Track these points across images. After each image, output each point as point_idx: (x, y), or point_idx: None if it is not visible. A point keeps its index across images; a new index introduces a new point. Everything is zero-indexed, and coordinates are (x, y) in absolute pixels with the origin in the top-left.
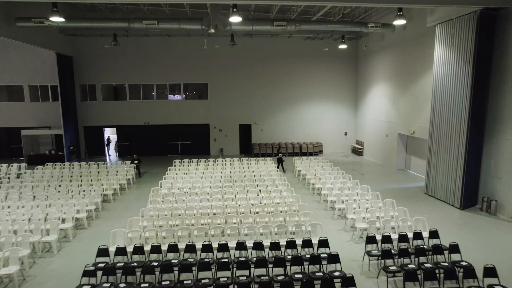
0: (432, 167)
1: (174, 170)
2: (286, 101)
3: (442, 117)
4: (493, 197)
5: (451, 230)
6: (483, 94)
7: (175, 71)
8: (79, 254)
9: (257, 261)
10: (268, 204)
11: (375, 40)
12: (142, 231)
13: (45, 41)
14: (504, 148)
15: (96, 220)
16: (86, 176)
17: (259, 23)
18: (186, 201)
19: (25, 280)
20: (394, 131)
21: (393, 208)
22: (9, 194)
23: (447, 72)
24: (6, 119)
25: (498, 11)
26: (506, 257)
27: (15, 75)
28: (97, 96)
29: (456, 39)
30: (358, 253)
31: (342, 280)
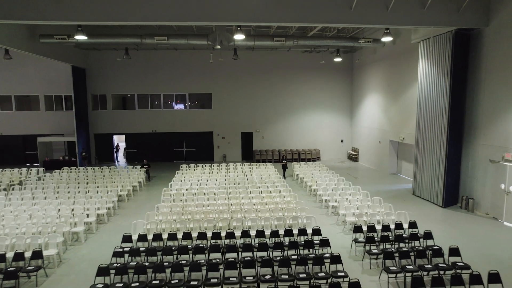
0: (418, 170)
1: (181, 174)
2: (286, 110)
3: (426, 124)
4: (471, 196)
5: (432, 224)
6: (460, 104)
7: (181, 82)
8: (104, 243)
9: (259, 245)
10: (269, 202)
11: (368, 54)
12: (159, 223)
13: (62, 55)
14: (479, 152)
15: (114, 216)
16: (100, 178)
17: (260, 39)
18: (195, 200)
19: (61, 262)
20: (386, 138)
21: (380, 204)
22: (35, 193)
23: (429, 84)
24: (23, 127)
25: (470, 31)
26: (473, 242)
27: (31, 86)
28: (107, 105)
29: (435, 55)
30: (347, 242)
31: (331, 259)
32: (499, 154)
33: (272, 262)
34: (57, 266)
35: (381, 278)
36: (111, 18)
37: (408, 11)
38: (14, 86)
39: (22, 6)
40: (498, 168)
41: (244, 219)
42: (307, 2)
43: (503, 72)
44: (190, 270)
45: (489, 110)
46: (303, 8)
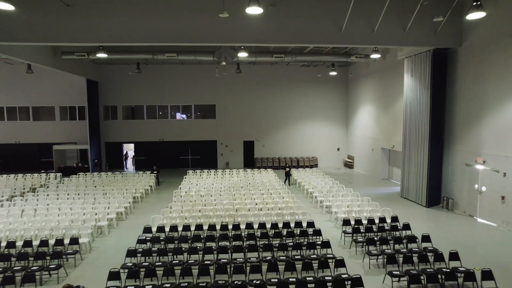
0: (405, 174)
1: (189, 179)
2: (285, 120)
3: (411, 133)
4: (451, 196)
5: (415, 221)
6: (440, 114)
7: (187, 94)
8: (125, 235)
9: (261, 234)
10: (269, 202)
11: (361, 68)
12: (173, 218)
13: (79, 69)
14: (457, 157)
15: (130, 214)
16: (114, 182)
17: (261, 55)
18: (203, 200)
19: (91, 249)
20: (378, 146)
21: (368, 203)
22: (59, 195)
23: (413, 97)
24: (38, 136)
25: (447, 50)
26: (444, 232)
27: (48, 97)
28: (118, 115)
29: (417, 70)
30: (338, 234)
31: (321, 244)
32: (473, 158)
33: (272, 247)
34: (88, 252)
35: (364, 261)
36: (131, 40)
37: (391, 32)
38: (31, 98)
39: (56, 31)
40: (472, 171)
41: (248, 214)
42: (302, 26)
43: (475, 86)
44: (203, 253)
45: (464, 120)
46: (299, 31)
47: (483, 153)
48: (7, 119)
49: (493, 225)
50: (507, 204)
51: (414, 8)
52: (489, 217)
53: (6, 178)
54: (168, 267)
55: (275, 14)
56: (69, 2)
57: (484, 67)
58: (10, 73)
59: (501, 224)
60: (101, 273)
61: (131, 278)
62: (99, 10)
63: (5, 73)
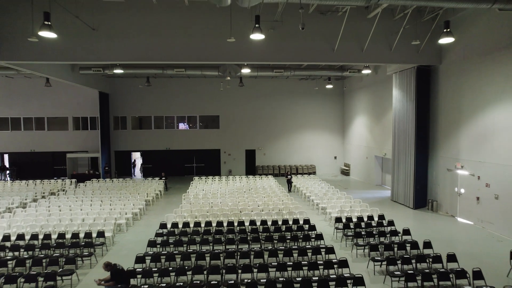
0: (395, 179)
1: (195, 184)
2: (285, 130)
3: (399, 141)
4: (435, 199)
5: (402, 220)
6: (424, 124)
7: (192, 105)
8: (141, 232)
9: (263, 229)
10: (270, 204)
11: (356, 81)
12: (185, 216)
13: (93, 82)
14: (440, 162)
15: (143, 215)
16: (126, 188)
17: (263, 70)
18: (210, 201)
19: (114, 243)
20: (372, 154)
21: (359, 204)
22: (78, 197)
23: (401, 108)
24: (52, 145)
25: (429, 66)
26: (425, 229)
27: (62, 108)
28: (127, 125)
29: (404, 85)
30: (331, 231)
31: (315, 237)
32: (453, 164)
33: (272, 239)
34: (112, 244)
35: (353, 251)
36: (147, 58)
37: (378, 51)
38: (47, 109)
39: (83, 52)
40: (453, 175)
41: (251, 213)
42: (299, 46)
43: (454, 99)
44: (213, 243)
45: (446, 129)
46: (296, 51)
47: (461, 159)
48: (24, 129)
49: (470, 223)
50: (481, 204)
51: (398, 30)
52: (467, 217)
53: (26, 184)
54: (185, 252)
55: (275, 36)
56: (94, 26)
57: (461, 82)
58: (28, 86)
59: (477, 222)
60: (125, 260)
61: (154, 262)
62: (119, 32)
63: (23, 86)
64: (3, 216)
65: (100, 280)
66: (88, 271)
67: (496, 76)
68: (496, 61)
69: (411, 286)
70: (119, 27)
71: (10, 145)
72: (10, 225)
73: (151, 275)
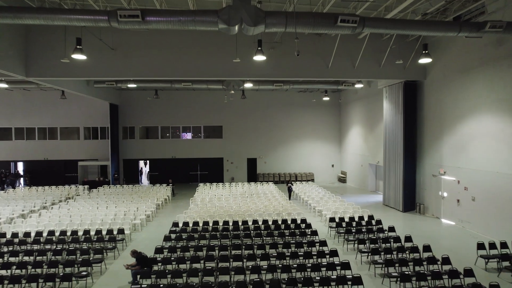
0: (386, 185)
1: (201, 190)
2: (285, 140)
3: (390, 149)
4: (422, 202)
5: (390, 221)
6: (412, 134)
7: (197, 116)
8: (154, 231)
9: (265, 227)
10: (270, 206)
11: (351, 94)
12: (194, 217)
13: (104, 94)
14: (426, 169)
15: (155, 217)
16: (136, 193)
17: (263, 83)
18: (216, 204)
19: (131, 240)
20: (366, 162)
21: (352, 206)
22: (93, 201)
23: (390, 119)
24: (64, 153)
25: (415, 81)
26: (411, 229)
27: (74, 119)
28: (135, 135)
29: (393, 98)
30: (326, 230)
31: (311, 232)
32: (437, 170)
33: (273, 234)
34: (130, 241)
35: (344, 246)
36: (159, 74)
37: (368, 68)
38: (60, 120)
39: (104, 69)
40: (437, 180)
41: (253, 214)
42: (297, 64)
43: (436, 111)
44: (221, 238)
45: (430, 138)
46: (294, 68)
47: (444, 165)
48: (38, 138)
49: (452, 223)
50: (461, 206)
51: (386, 49)
52: (450, 218)
53: (42, 189)
54: (197, 245)
55: (275, 54)
56: (113, 46)
57: (442, 96)
58: (43, 98)
59: (458, 222)
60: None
61: (170, 252)
62: (135, 51)
63: (38, 98)
64: (31, 216)
65: (128, 265)
66: (113, 261)
67: (470, 92)
68: (470, 79)
69: (391, 271)
70: (135, 47)
71: (25, 153)
72: (39, 224)
73: (169, 262)
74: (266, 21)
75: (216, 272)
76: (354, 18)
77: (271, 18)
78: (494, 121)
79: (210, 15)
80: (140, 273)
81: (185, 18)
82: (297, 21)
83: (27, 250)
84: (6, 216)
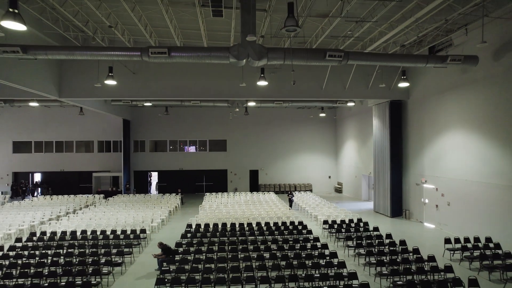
0: (376, 193)
1: (208, 199)
2: (284, 153)
3: (379, 161)
4: (408, 208)
5: (378, 224)
6: (398, 147)
7: (203, 130)
8: (170, 232)
9: (267, 228)
10: (271, 212)
11: (346, 110)
12: (204, 220)
13: (119, 111)
14: (411, 178)
15: (168, 222)
16: (149, 201)
17: (265, 102)
18: (223, 210)
19: (150, 239)
20: (360, 173)
21: (344, 212)
22: (112, 207)
23: (379, 134)
24: (79, 165)
25: (400, 101)
26: (395, 231)
27: (88, 133)
28: (145, 148)
29: (381, 115)
30: (321, 232)
31: (307, 231)
32: (419, 179)
33: (274, 233)
34: (150, 240)
35: (335, 243)
36: (174, 95)
37: (358, 89)
38: (76, 134)
39: (126, 91)
40: (420, 188)
41: (257, 218)
42: (294, 86)
43: (418, 127)
44: (230, 236)
45: (413, 151)
46: (292, 90)
47: (424, 175)
48: (55, 151)
49: (432, 226)
50: (439, 210)
51: (373, 73)
52: (431, 221)
53: (61, 198)
54: (210, 240)
55: (275, 78)
56: (134, 70)
57: (422, 114)
58: (61, 114)
59: (437, 225)
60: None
61: (188, 246)
62: (153, 75)
63: (57, 114)
64: (62, 219)
65: (156, 255)
66: (138, 255)
67: (444, 111)
68: (444, 100)
69: (372, 260)
70: (152, 71)
71: (43, 165)
72: (71, 224)
73: (189, 252)
74: (268, 56)
75: (227, 261)
76: (339, 53)
77: (272, 53)
78: (463, 136)
79: (223, 52)
80: (166, 260)
81: (202, 53)
82: (293, 56)
83: (69, 244)
84: (39, 219)
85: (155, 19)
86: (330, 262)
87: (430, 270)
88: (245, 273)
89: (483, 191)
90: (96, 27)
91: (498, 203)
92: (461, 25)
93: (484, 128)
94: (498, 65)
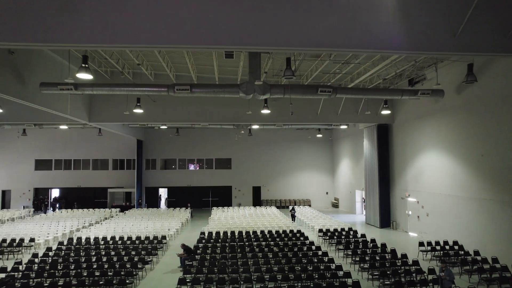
0: (368, 207)
1: (215, 212)
2: (285, 170)
3: (369, 178)
4: (395, 220)
5: (368, 234)
6: (385, 165)
7: (210, 150)
8: (185, 239)
9: (269, 235)
10: (273, 222)
11: (341, 131)
12: (215, 229)
13: (134, 132)
14: (397, 192)
15: (181, 232)
16: (162, 214)
17: (266, 124)
18: (230, 221)
19: (169, 245)
20: (354, 189)
21: (337, 222)
22: (131, 219)
23: (369, 153)
24: (94, 181)
25: (387, 124)
26: (380, 238)
27: (104, 152)
28: (156, 166)
29: (370, 136)
30: (316, 239)
31: (304, 238)
32: (404, 193)
33: (276, 240)
34: (168, 246)
35: (328, 248)
36: (187, 120)
37: (348, 115)
38: (92, 153)
39: (146, 117)
40: (405, 201)
41: (261, 227)
42: (294, 111)
43: (402, 147)
44: (238, 242)
45: (399, 168)
46: (291, 116)
47: (408, 190)
48: (73, 169)
49: (415, 235)
50: (420, 221)
51: (361, 101)
52: (413, 231)
53: (82, 211)
54: (223, 244)
55: (277, 105)
56: (154, 99)
57: (405, 135)
58: (79, 134)
59: (419, 234)
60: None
61: (204, 249)
62: (170, 102)
63: (76, 134)
64: (90, 228)
65: (179, 254)
66: (161, 257)
67: (423, 134)
68: (422, 124)
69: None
70: (169, 99)
71: (62, 181)
72: (100, 232)
73: (206, 252)
74: (271, 91)
75: (237, 260)
76: (329, 89)
77: (274, 89)
78: (437, 155)
79: (234, 88)
80: (188, 258)
81: (218, 89)
82: (291, 91)
83: (105, 247)
84: (69, 229)
85: (176, 57)
86: (321, 259)
87: (401, 264)
88: (255, 274)
89: (452, 202)
90: (124, 63)
91: (464, 212)
92: (431, 63)
93: (453, 148)
94: (459, 98)
